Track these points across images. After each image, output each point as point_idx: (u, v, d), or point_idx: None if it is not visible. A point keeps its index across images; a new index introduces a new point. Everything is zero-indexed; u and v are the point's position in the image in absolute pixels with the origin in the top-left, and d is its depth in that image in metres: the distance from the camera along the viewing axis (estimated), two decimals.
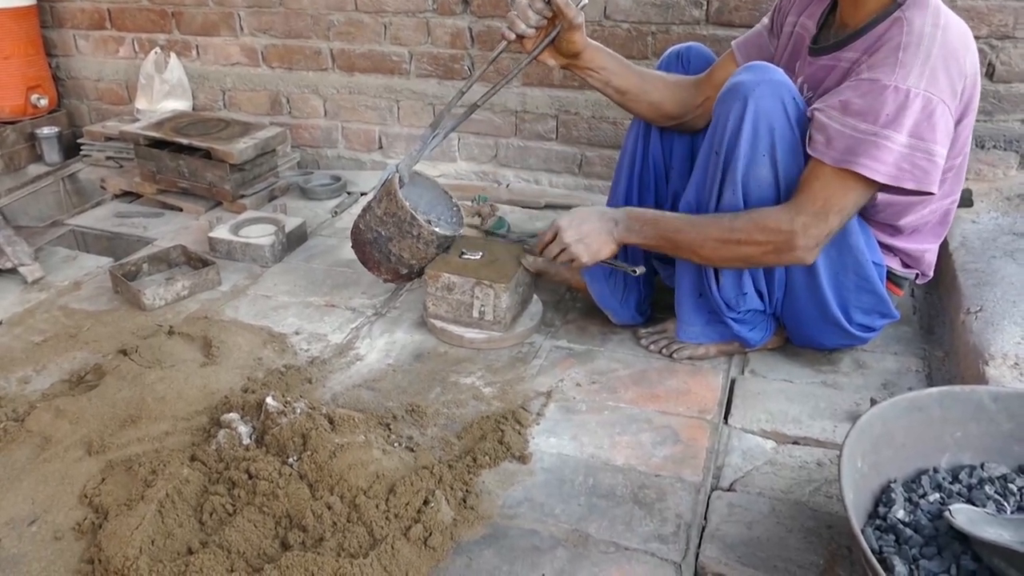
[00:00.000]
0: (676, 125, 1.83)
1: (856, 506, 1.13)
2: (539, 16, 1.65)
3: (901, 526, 1.15)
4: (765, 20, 1.77)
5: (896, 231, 1.61)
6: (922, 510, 1.19)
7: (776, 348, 1.84)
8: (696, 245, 1.56)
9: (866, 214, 1.58)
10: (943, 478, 1.25)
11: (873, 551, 1.10)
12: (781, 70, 1.50)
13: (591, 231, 1.65)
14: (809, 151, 1.45)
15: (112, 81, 3.35)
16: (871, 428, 1.20)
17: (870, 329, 1.70)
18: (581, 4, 1.66)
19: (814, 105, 1.47)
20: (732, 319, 1.71)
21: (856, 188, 1.42)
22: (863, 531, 1.13)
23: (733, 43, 1.80)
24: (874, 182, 1.40)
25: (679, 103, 1.79)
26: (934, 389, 1.28)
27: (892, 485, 1.22)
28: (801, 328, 1.74)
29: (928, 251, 1.67)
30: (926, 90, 1.34)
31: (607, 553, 1.29)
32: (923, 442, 1.27)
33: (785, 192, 1.52)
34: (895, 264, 1.67)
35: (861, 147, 1.37)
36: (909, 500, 1.21)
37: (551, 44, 1.70)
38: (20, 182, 3.00)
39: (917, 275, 1.71)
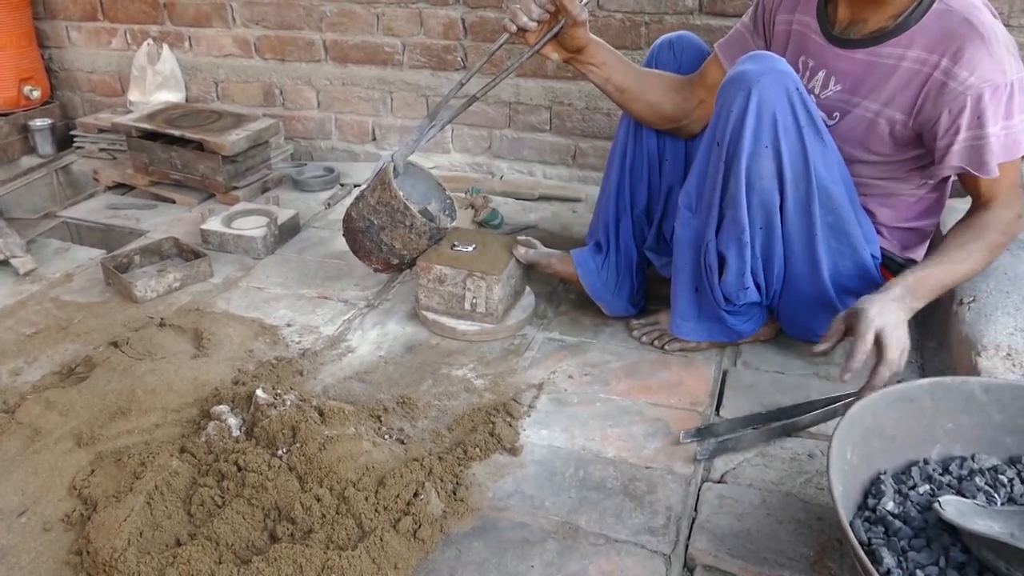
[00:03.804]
0: (673, 129, 1.81)
1: (845, 498, 1.12)
2: (542, 10, 1.64)
3: (890, 518, 1.15)
4: (746, 20, 1.76)
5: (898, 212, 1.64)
6: (912, 502, 1.18)
7: (768, 340, 1.83)
8: (969, 278, 1.58)
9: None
10: (933, 469, 1.24)
11: (861, 543, 1.09)
12: (784, 60, 1.48)
13: (899, 324, 1.45)
14: (981, 175, 1.47)
15: (105, 73, 3.33)
16: (861, 419, 1.20)
17: None
18: (585, 0, 1.64)
19: (944, 141, 1.46)
20: (727, 312, 1.70)
21: (1019, 163, 1.50)
22: (852, 523, 1.13)
23: (716, 45, 1.78)
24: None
25: (676, 105, 1.77)
26: (925, 380, 1.27)
27: (882, 477, 1.22)
28: (797, 319, 1.73)
29: (926, 226, 1.70)
30: (1018, 72, 1.43)
31: (597, 545, 1.29)
32: (914, 433, 1.26)
33: (791, 184, 1.50)
34: (894, 248, 1.67)
35: (1012, 139, 1.45)
36: (899, 492, 1.21)
37: (554, 38, 1.69)
38: (13, 174, 2.99)
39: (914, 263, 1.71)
